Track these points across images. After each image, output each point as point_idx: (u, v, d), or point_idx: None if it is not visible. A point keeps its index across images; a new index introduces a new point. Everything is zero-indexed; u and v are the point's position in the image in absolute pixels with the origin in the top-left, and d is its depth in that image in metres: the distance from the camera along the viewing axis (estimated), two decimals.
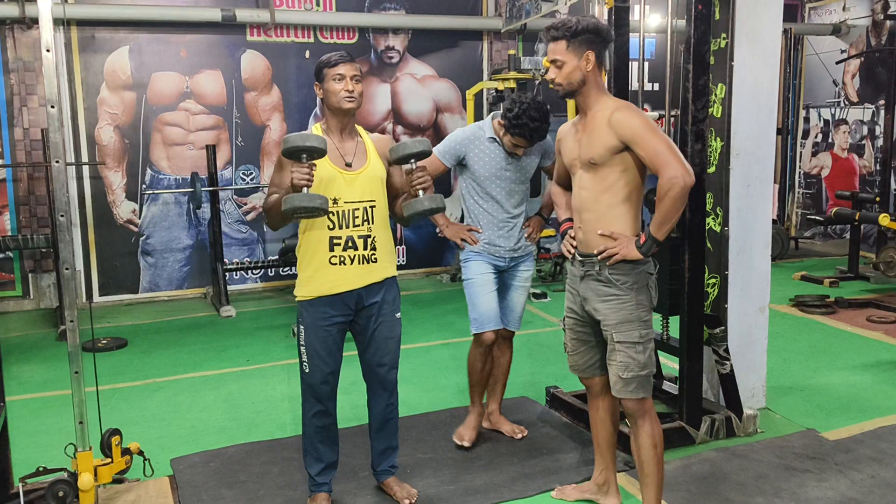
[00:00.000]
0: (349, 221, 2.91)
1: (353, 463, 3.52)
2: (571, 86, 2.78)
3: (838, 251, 8.62)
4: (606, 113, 2.76)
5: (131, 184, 7.15)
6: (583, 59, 2.75)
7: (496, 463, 3.55)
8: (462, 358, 5.23)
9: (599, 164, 2.76)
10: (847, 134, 9.10)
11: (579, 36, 2.74)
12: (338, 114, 2.93)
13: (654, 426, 2.86)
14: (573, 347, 3.05)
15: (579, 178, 2.87)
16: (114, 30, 6.94)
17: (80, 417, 3.00)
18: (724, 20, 3.72)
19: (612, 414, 3.11)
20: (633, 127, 2.68)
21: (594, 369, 3.03)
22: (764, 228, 4.01)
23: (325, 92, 2.91)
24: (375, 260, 2.97)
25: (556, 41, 2.78)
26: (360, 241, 2.93)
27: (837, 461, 3.49)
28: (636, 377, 2.79)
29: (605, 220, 2.79)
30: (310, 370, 2.99)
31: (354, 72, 2.89)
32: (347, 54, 2.92)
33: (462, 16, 8.00)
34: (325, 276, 2.93)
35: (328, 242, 2.91)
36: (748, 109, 3.84)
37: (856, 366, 4.86)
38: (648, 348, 2.82)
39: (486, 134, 3.60)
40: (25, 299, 7.01)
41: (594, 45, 2.76)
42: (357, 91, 2.89)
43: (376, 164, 2.99)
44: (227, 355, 5.44)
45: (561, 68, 2.78)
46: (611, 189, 2.78)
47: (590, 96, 2.81)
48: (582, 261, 2.88)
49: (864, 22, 8.78)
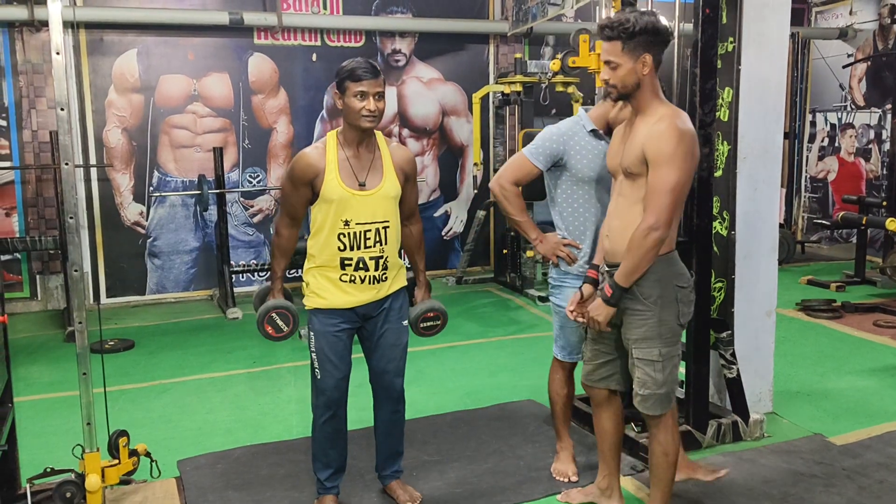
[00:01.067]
0: (361, 243, 2.84)
1: (358, 465, 3.52)
2: (626, 89, 2.63)
3: (845, 255, 8.59)
4: (652, 120, 2.61)
5: (139, 186, 7.17)
6: (639, 62, 2.58)
7: (502, 466, 3.55)
8: (468, 360, 5.24)
9: (636, 173, 2.64)
10: (854, 138, 9.08)
11: (636, 37, 2.56)
12: (356, 129, 2.81)
13: (668, 436, 2.82)
14: (591, 357, 2.97)
15: (619, 184, 2.76)
16: (122, 33, 6.97)
17: (88, 419, 3.02)
18: (731, 24, 3.72)
19: (616, 423, 3.06)
20: (658, 150, 2.55)
21: (609, 381, 2.96)
22: (771, 232, 4.00)
23: (345, 106, 2.76)
24: (386, 279, 2.94)
25: (610, 41, 2.60)
26: (372, 262, 2.88)
27: (845, 466, 3.48)
28: (653, 395, 2.74)
29: (630, 232, 2.64)
30: (322, 376, 2.97)
31: (378, 88, 2.73)
32: (372, 65, 2.75)
33: (468, 19, 8.01)
34: (334, 293, 2.90)
35: (339, 262, 2.86)
36: (755, 113, 3.84)
37: (863, 370, 4.85)
38: (669, 366, 2.73)
39: (586, 127, 3.14)
40: (33, 301, 7.03)
41: (652, 46, 2.59)
42: (379, 109, 2.75)
43: (391, 182, 2.89)
44: (234, 357, 5.45)
45: (615, 70, 2.61)
46: (643, 202, 2.63)
47: (643, 100, 2.65)
48: (609, 271, 2.78)
49: (871, 26, 8.77)
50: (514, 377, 4.88)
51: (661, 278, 2.68)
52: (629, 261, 2.60)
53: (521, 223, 3.31)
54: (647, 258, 2.59)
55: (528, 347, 5.55)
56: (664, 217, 2.54)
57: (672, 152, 2.53)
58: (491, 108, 7.97)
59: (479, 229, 7.66)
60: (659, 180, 2.54)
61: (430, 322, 3.18)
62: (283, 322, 3.00)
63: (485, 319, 6.44)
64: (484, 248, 8.29)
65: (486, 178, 8.19)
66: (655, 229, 2.54)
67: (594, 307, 2.72)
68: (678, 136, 2.55)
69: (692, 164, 2.62)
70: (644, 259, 2.59)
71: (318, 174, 2.81)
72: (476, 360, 5.26)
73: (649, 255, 2.58)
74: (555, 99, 7.26)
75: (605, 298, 2.68)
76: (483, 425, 4.03)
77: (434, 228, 8.15)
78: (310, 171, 2.82)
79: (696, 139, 2.67)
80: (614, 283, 2.65)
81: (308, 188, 2.84)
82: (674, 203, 2.56)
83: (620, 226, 2.70)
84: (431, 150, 8.07)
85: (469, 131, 8.07)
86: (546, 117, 7.92)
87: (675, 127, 2.56)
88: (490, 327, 6.16)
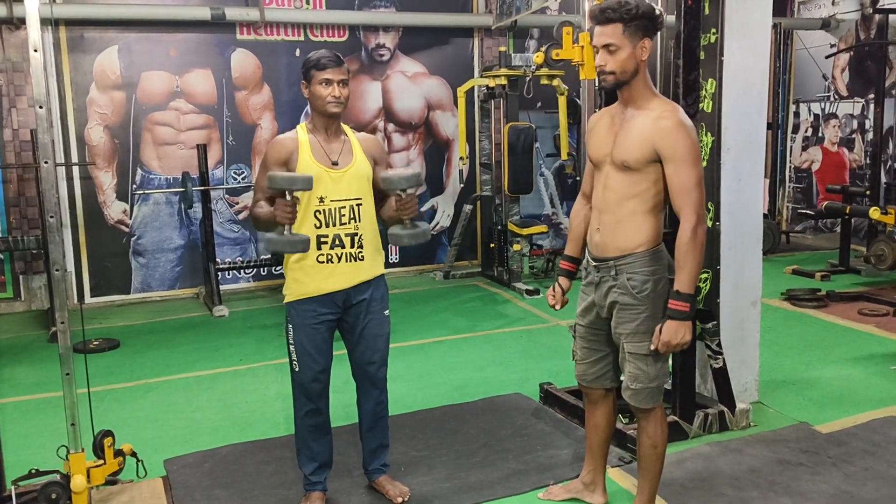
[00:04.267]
0: (336, 220, 2.90)
1: (346, 462, 3.51)
2: (625, 75, 2.57)
3: (829, 245, 8.65)
4: (653, 115, 2.58)
5: (122, 184, 7.11)
6: (639, 47, 2.54)
7: (490, 460, 3.55)
8: (456, 354, 5.24)
9: (633, 168, 2.61)
10: (837, 128, 9.13)
11: (637, 20, 2.52)
12: (323, 116, 2.93)
13: (658, 428, 2.82)
14: (583, 356, 2.94)
15: (606, 176, 2.70)
16: (103, 29, 6.90)
17: (73, 419, 2.99)
18: (713, 15, 3.71)
19: (608, 421, 3.06)
20: (676, 148, 2.54)
21: (603, 380, 2.94)
22: (755, 223, 4.01)
23: (311, 94, 2.91)
24: (363, 258, 2.96)
25: (611, 23, 2.53)
26: (347, 239, 2.92)
27: (831, 454, 3.50)
28: (644, 388, 2.73)
29: (625, 227, 2.66)
30: (300, 368, 2.98)
31: (342, 76, 2.88)
32: (336, 55, 2.90)
33: (453, 13, 7.98)
34: (312, 276, 2.92)
35: (315, 241, 2.89)
36: (739, 104, 3.84)
37: (848, 359, 4.88)
38: (661, 360, 2.73)
39: None
40: (16, 301, 6.97)
41: (650, 32, 2.57)
42: (343, 96, 2.89)
43: (362, 162, 2.99)
44: (221, 355, 5.42)
45: (614, 54, 2.54)
46: (639, 196, 2.63)
47: (637, 90, 2.61)
48: (597, 266, 2.76)
49: (854, 16, 8.80)
50: (501, 371, 4.88)
51: (653, 273, 2.67)
52: (689, 265, 2.56)
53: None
54: (702, 253, 2.59)
55: (515, 341, 5.55)
56: (702, 210, 2.57)
57: (689, 149, 2.55)
58: (476, 101, 7.96)
59: (465, 224, 7.65)
60: (686, 178, 2.55)
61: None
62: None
63: (472, 314, 6.44)
64: (471, 243, 8.28)
65: (471, 171, 8.19)
66: (700, 225, 2.56)
67: (673, 332, 2.59)
68: (689, 132, 2.57)
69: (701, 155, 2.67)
70: (701, 255, 2.58)
71: (292, 153, 2.91)
72: (464, 355, 5.26)
73: (703, 249, 2.59)
74: (540, 92, 7.24)
75: (682, 316, 2.57)
76: (471, 419, 4.03)
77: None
78: (284, 151, 2.92)
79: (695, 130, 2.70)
80: (685, 296, 2.57)
81: (283, 170, 2.88)
82: (703, 195, 2.59)
83: (613, 220, 2.68)
84: (417, 144, 8.05)
85: (455, 125, 8.06)
86: (531, 111, 7.92)
87: (681, 122, 2.57)
88: (478, 321, 6.15)
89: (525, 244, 7.21)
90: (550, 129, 8.24)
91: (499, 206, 7.36)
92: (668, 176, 2.57)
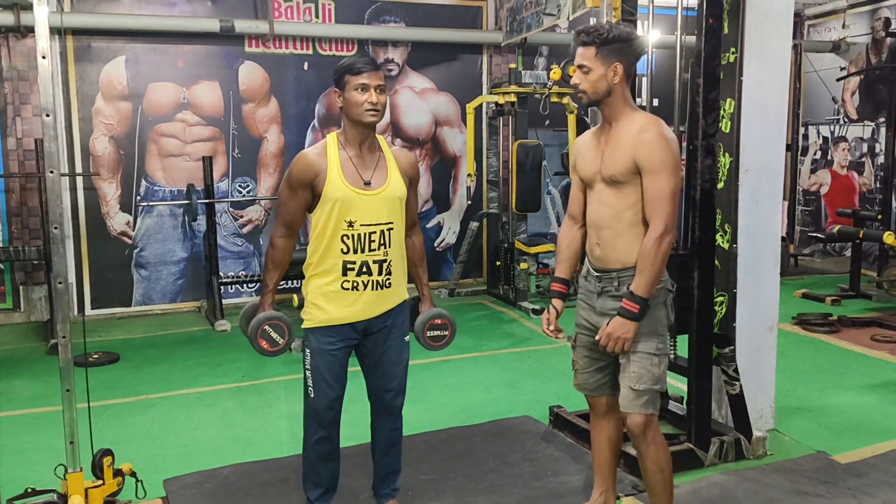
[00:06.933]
0: (365, 246, 2.74)
1: (352, 484, 3.41)
2: (597, 95, 2.68)
3: (837, 269, 8.57)
4: (634, 129, 2.65)
5: (126, 195, 7.05)
6: (610, 70, 2.64)
7: (500, 485, 3.45)
8: (463, 375, 5.14)
9: (622, 181, 2.67)
10: (846, 151, 9.08)
11: (609, 44, 2.63)
12: (358, 126, 2.73)
13: (659, 449, 2.78)
14: (583, 366, 2.94)
15: (598, 193, 2.77)
16: (110, 39, 6.86)
17: (71, 437, 2.90)
18: (732, 34, 3.66)
19: (615, 435, 3.01)
20: (653, 159, 2.60)
21: (603, 388, 2.93)
22: (773, 246, 3.94)
23: (346, 101, 2.70)
24: (390, 285, 2.83)
25: (585, 46, 2.66)
26: (376, 266, 2.77)
27: (850, 486, 3.40)
28: (649, 390, 2.71)
29: (623, 240, 2.71)
30: (315, 395, 2.86)
31: (379, 81, 2.69)
32: (371, 59, 2.75)
33: (462, 29, 7.95)
34: (335, 303, 2.78)
35: (341, 267, 2.75)
36: (757, 125, 3.78)
37: (863, 386, 4.78)
38: (664, 363, 2.75)
39: None
40: (16, 312, 6.88)
41: (623, 55, 2.65)
42: (381, 103, 2.69)
43: (397, 183, 2.81)
44: (222, 371, 5.33)
45: (587, 75, 2.67)
46: (633, 207, 2.68)
47: (615, 108, 2.71)
48: (599, 276, 2.79)
49: (864, 39, 8.78)
50: (509, 392, 4.78)
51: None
52: (649, 270, 2.62)
53: None
54: (664, 263, 2.65)
55: (522, 361, 5.46)
56: (671, 221, 2.63)
57: (665, 159, 2.60)
58: (484, 118, 7.90)
59: (471, 241, 7.58)
60: (659, 188, 2.61)
61: (438, 331, 3.09)
62: (277, 334, 2.89)
63: (479, 333, 6.34)
64: (477, 260, 8.20)
65: (478, 188, 8.12)
66: (667, 234, 2.61)
67: (618, 327, 2.65)
68: (668, 144, 2.62)
69: (679, 168, 2.70)
70: (662, 264, 2.65)
71: (319, 174, 2.71)
72: (471, 375, 5.16)
73: (665, 259, 2.65)
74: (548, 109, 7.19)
75: (629, 315, 2.64)
76: (479, 443, 3.93)
77: (426, 240, 8.02)
78: (310, 171, 2.72)
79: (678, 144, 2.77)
80: (638, 298, 2.63)
81: (308, 191, 2.74)
82: (675, 207, 2.64)
83: (612, 235, 2.73)
84: (424, 160, 7.99)
85: (462, 142, 8.00)
86: (539, 128, 7.87)
87: (663, 135, 2.63)
88: (484, 341, 6.06)
89: (532, 263, 7.13)
90: (558, 147, 8.18)
91: (505, 224, 7.29)
92: (644, 186, 2.63)
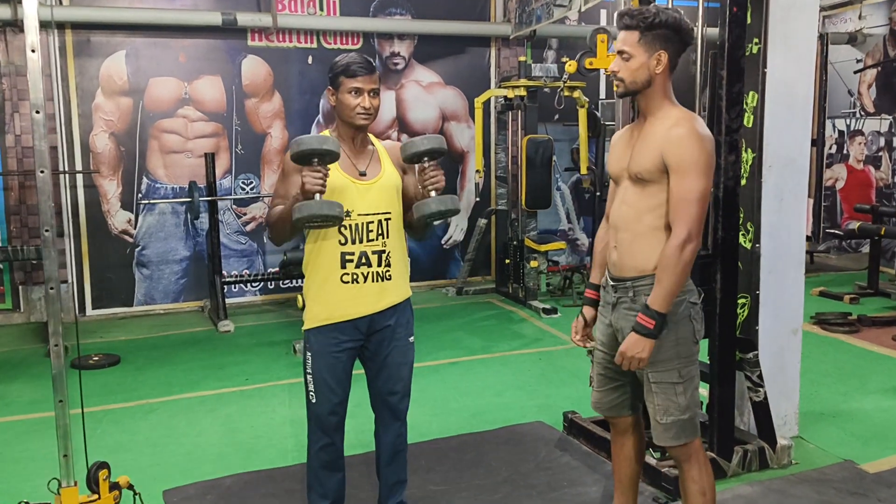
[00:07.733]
0: (363, 236, 2.67)
1: (359, 495, 3.27)
2: (635, 85, 2.44)
3: (854, 265, 8.39)
4: (668, 123, 2.42)
5: (127, 193, 6.90)
6: (653, 58, 2.40)
7: (514, 496, 3.30)
8: (472, 378, 4.99)
9: (647, 179, 2.44)
10: (863, 145, 8.88)
11: (655, 30, 2.39)
12: (350, 126, 2.70)
13: (702, 471, 2.58)
14: (599, 384, 2.73)
15: (623, 191, 2.55)
16: (110, 33, 6.71)
17: (65, 450, 2.75)
18: (756, 24, 3.48)
19: (637, 452, 2.82)
20: (682, 157, 2.36)
21: (620, 409, 2.72)
22: (797, 245, 3.77)
23: (339, 103, 2.66)
24: (390, 277, 2.73)
25: (628, 30, 2.42)
26: (375, 256, 2.69)
27: (881, 497, 3.25)
28: (677, 422, 2.49)
29: (641, 244, 2.47)
30: (317, 400, 2.74)
31: (373, 85, 2.64)
32: (367, 61, 2.66)
33: (469, 21, 7.77)
34: (336, 298, 2.68)
35: (339, 259, 2.66)
36: (782, 119, 3.61)
37: (888, 389, 4.61)
38: (691, 388, 2.50)
39: None
40: (15, 312, 6.75)
41: (670, 43, 2.41)
42: (374, 107, 2.65)
43: (391, 172, 2.76)
44: (226, 373, 5.19)
45: (627, 62, 2.42)
46: (655, 210, 2.45)
47: (653, 100, 2.46)
48: (614, 286, 2.57)
49: (881, 31, 8.58)
50: (521, 396, 4.63)
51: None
52: (667, 281, 2.36)
53: None
54: (685, 274, 2.39)
55: (534, 364, 5.30)
56: (696, 227, 2.37)
57: (696, 159, 2.36)
58: (493, 113, 7.73)
59: (479, 238, 7.43)
60: (685, 189, 2.37)
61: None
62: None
63: (487, 333, 6.19)
64: (485, 258, 8.04)
65: (486, 184, 7.96)
66: (690, 241, 2.36)
67: (632, 345, 2.41)
68: (700, 142, 2.38)
69: (713, 170, 2.47)
70: (683, 275, 2.38)
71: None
72: (480, 378, 5.01)
73: (688, 269, 2.39)
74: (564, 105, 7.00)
75: (644, 332, 2.38)
76: (491, 450, 3.78)
77: (433, 237, 7.90)
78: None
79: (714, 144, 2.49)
80: (654, 313, 2.37)
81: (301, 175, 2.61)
82: (702, 212, 2.39)
83: (629, 238, 2.51)
84: None
85: (469, 137, 7.83)
86: (549, 123, 7.70)
87: (695, 132, 2.39)
88: (493, 342, 5.90)
89: (542, 261, 6.97)
90: (568, 143, 8.01)
91: (514, 221, 7.13)
92: (670, 187, 2.39)
